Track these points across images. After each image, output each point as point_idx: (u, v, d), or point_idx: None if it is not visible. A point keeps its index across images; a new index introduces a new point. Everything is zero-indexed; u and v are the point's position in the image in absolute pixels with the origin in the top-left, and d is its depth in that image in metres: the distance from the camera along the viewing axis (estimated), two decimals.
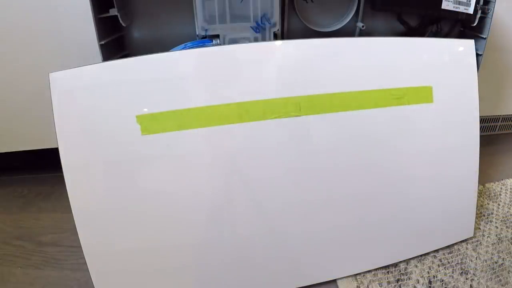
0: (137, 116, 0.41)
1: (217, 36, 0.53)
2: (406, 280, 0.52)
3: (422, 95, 0.49)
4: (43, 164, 0.78)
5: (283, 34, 0.58)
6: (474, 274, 0.53)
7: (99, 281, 0.44)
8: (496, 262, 0.55)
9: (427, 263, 0.56)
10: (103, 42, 0.51)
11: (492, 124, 0.88)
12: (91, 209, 0.42)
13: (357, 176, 0.49)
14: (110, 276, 0.45)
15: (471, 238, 0.59)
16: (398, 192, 0.52)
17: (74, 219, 0.42)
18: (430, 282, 0.52)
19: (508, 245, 0.58)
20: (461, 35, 0.65)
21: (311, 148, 0.47)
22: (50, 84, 0.40)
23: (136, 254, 0.45)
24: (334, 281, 0.52)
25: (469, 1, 0.57)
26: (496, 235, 0.60)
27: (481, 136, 0.55)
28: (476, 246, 0.58)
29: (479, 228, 0.61)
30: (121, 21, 0.53)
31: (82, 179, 0.42)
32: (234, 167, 0.45)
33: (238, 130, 0.44)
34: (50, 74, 0.40)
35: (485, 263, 0.55)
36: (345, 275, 0.51)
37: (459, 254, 0.57)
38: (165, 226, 0.44)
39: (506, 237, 0.60)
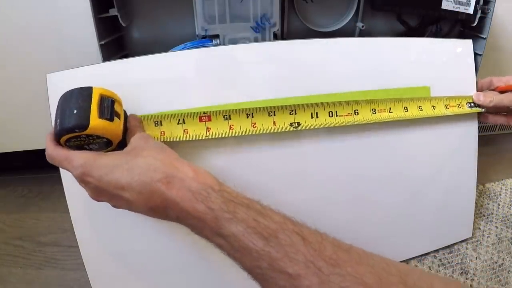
0: None
1: (217, 36, 0.53)
2: None
3: (420, 95, 0.49)
4: (43, 164, 0.77)
5: (283, 34, 0.58)
6: (474, 274, 0.53)
7: (97, 282, 0.44)
8: (496, 262, 0.55)
9: (427, 263, 0.56)
10: (103, 42, 0.51)
11: (492, 124, 0.88)
12: (88, 209, 0.42)
13: (356, 177, 0.49)
14: (108, 277, 0.45)
15: (471, 238, 0.59)
16: (397, 192, 0.52)
17: (72, 219, 0.42)
18: None
19: (508, 245, 0.58)
20: (461, 35, 0.65)
21: (309, 149, 0.47)
22: (47, 85, 0.40)
23: (135, 255, 0.45)
24: None
25: (469, 1, 0.57)
26: (496, 235, 0.60)
27: (481, 136, 0.55)
28: (476, 246, 0.58)
29: (479, 228, 0.61)
30: (121, 21, 0.53)
31: None
32: (233, 167, 0.45)
33: None
34: (47, 75, 0.40)
35: (485, 263, 0.55)
36: None
37: (459, 254, 0.57)
38: (165, 226, 0.44)
39: (506, 237, 0.60)
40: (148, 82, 0.42)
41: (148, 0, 0.57)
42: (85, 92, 0.32)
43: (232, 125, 0.40)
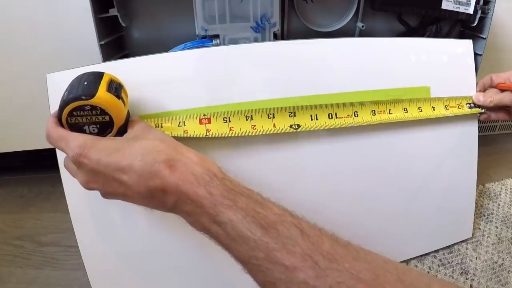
0: None
1: (217, 36, 0.53)
2: None
3: (420, 95, 0.49)
4: (43, 164, 0.78)
5: (283, 34, 0.58)
6: (474, 274, 0.53)
7: (96, 282, 0.44)
8: (496, 262, 0.55)
9: (427, 263, 0.56)
10: (103, 42, 0.51)
11: (492, 124, 0.88)
12: (88, 209, 0.42)
13: (355, 177, 0.49)
14: (108, 277, 0.45)
15: (471, 238, 0.59)
16: (397, 192, 0.52)
17: (72, 219, 0.42)
18: None
19: (508, 245, 0.58)
20: (461, 35, 0.65)
21: (308, 149, 0.47)
22: (47, 85, 0.40)
23: (135, 255, 0.45)
24: None
25: (469, 1, 0.57)
26: (496, 235, 0.60)
27: (481, 136, 0.55)
28: (476, 246, 0.58)
29: (479, 228, 0.61)
30: (121, 21, 0.53)
31: None
32: (232, 167, 0.45)
33: None
34: (47, 75, 0.40)
35: (485, 263, 0.55)
36: None
37: (459, 254, 0.57)
38: (165, 227, 0.44)
39: (506, 237, 0.60)
40: (148, 82, 0.42)
41: (148, 0, 0.57)
42: (97, 73, 0.34)
43: (232, 127, 0.40)
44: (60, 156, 0.41)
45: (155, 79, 0.42)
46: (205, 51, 0.45)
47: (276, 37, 0.55)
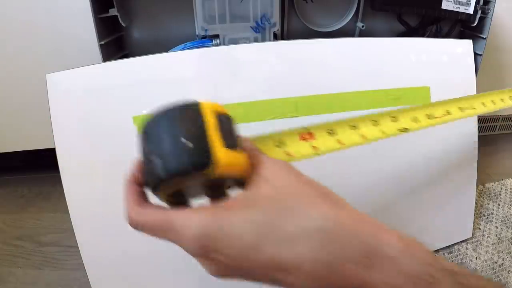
0: (134, 117, 0.41)
1: (217, 36, 0.53)
2: None
3: (420, 95, 0.49)
4: (43, 164, 0.78)
5: (283, 34, 0.58)
6: None
7: (96, 282, 0.44)
8: (496, 262, 0.55)
9: None
10: (103, 42, 0.51)
11: (492, 124, 0.88)
12: (88, 210, 0.42)
13: (355, 177, 0.49)
14: (108, 277, 0.45)
15: (471, 238, 0.59)
16: (397, 192, 0.52)
17: (71, 219, 0.42)
18: None
19: (508, 245, 0.58)
20: (461, 35, 0.65)
21: None
22: (47, 85, 0.40)
23: (135, 256, 0.45)
24: None
25: (469, 1, 0.57)
26: (496, 235, 0.60)
27: (481, 136, 0.55)
28: (476, 246, 0.58)
29: (479, 228, 0.61)
30: (121, 21, 0.53)
31: (79, 180, 0.42)
32: None
33: None
34: (47, 75, 0.40)
35: (485, 263, 0.55)
36: None
37: (459, 254, 0.57)
38: None
39: (506, 237, 0.60)
40: (148, 82, 0.42)
41: (148, 0, 0.57)
42: (190, 109, 0.20)
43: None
44: (60, 157, 0.41)
45: (155, 79, 0.42)
46: (205, 51, 0.45)
47: (276, 37, 0.55)
